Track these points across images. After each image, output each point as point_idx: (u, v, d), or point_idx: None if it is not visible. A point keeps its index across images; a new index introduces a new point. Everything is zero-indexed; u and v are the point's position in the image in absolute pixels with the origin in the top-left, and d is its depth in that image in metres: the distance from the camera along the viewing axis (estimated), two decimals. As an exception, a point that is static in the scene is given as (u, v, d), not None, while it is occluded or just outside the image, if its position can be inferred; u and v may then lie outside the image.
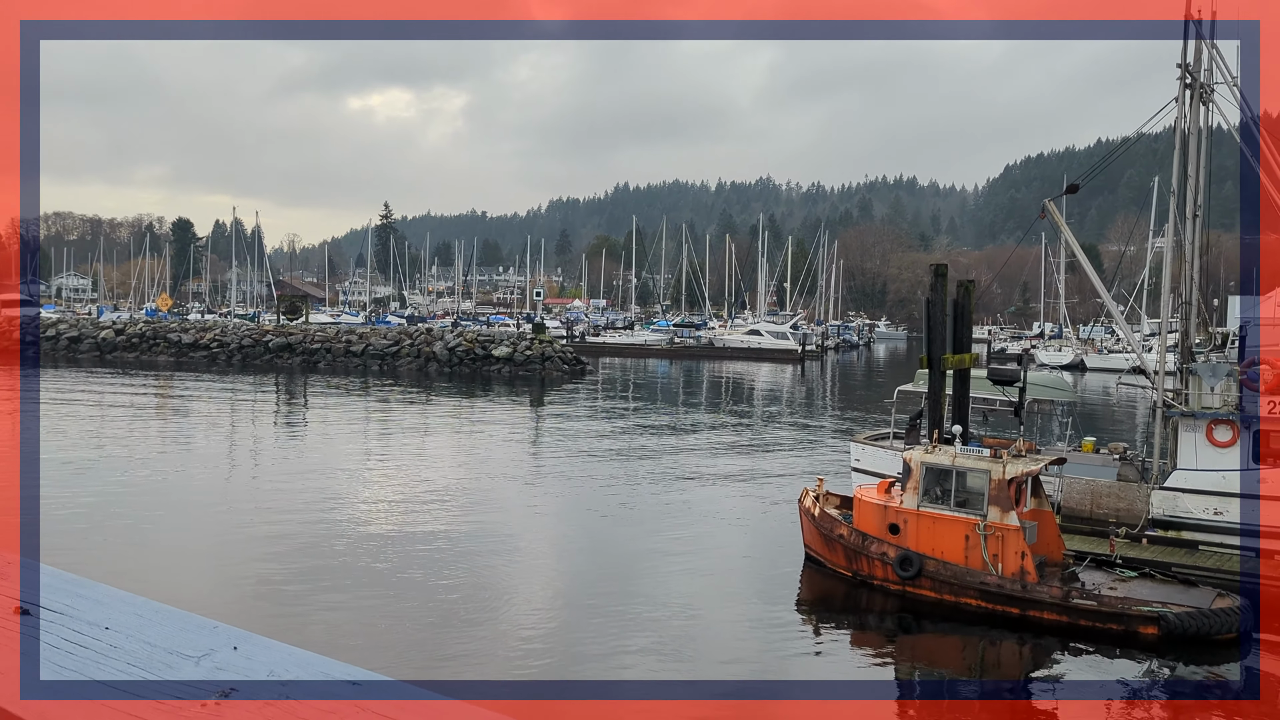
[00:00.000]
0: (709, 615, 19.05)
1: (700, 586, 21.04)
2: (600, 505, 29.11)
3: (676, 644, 17.36)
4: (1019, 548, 19.19)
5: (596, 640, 17.48)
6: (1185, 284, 25.11)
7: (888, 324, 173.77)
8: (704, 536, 25.52)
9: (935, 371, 25.11)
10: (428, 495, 29.48)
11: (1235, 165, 27.46)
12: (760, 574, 22.61)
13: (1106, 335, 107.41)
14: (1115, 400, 63.32)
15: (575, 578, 21.86)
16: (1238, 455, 22.84)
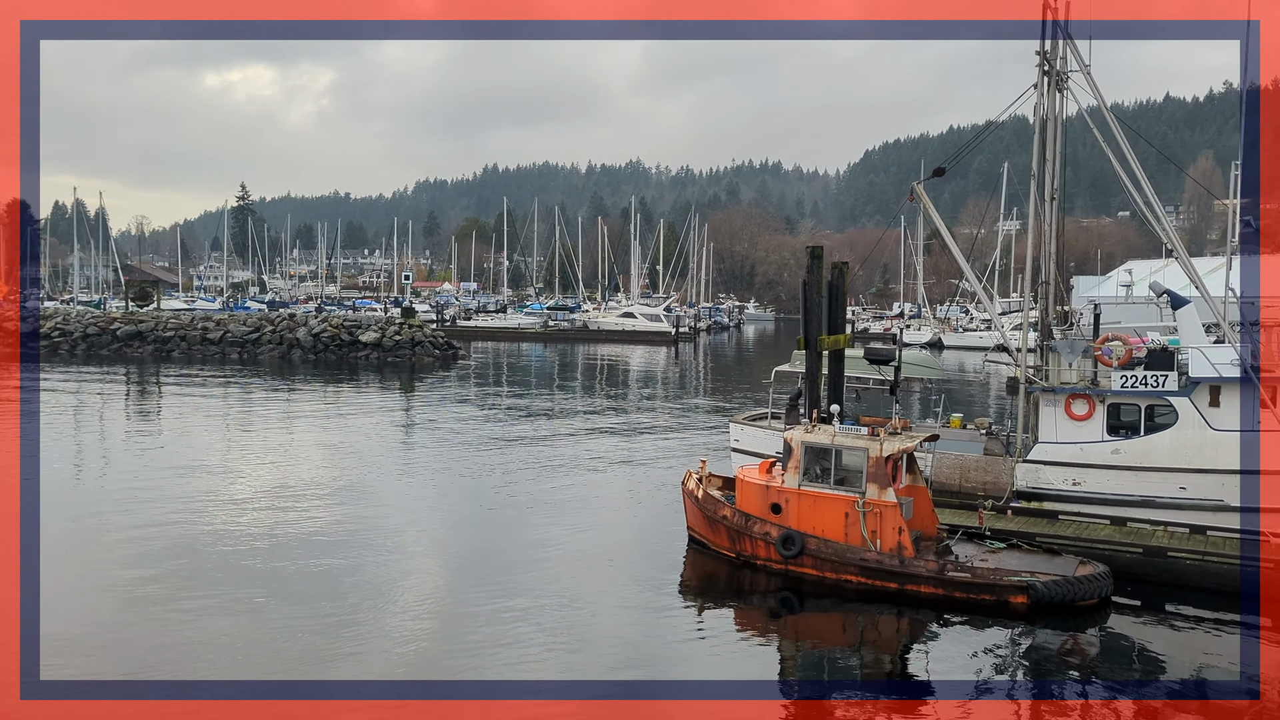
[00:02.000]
0: (593, 604, 18.74)
1: (584, 575, 20.71)
2: (478, 495, 28.43)
3: (562, 635, 16.99)
4: (896, 524, 19.59)
5: (479, 635, 16.95)
6: (1044, 264, 26.10)
7: (756, 306, 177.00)
8: (586, 523, 25.20)
9: (812, 352, 25.41)
10: (296, 491, 28.17)
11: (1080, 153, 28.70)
12: (644, 559, 22.43)
13: (962, 314, 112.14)
14: (974, 377, 66.07)
15: (456, 571, 21.20)
16: (1095, 427, 23.95)
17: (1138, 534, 21.51)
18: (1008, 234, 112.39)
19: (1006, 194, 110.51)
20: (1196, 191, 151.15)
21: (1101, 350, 24.38)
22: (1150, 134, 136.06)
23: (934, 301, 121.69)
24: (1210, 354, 22.95)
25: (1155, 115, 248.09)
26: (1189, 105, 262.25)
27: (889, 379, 26.32)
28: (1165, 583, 19.89)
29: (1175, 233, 26.55)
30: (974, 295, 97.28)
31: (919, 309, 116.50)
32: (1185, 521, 21.98)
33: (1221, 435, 22.57)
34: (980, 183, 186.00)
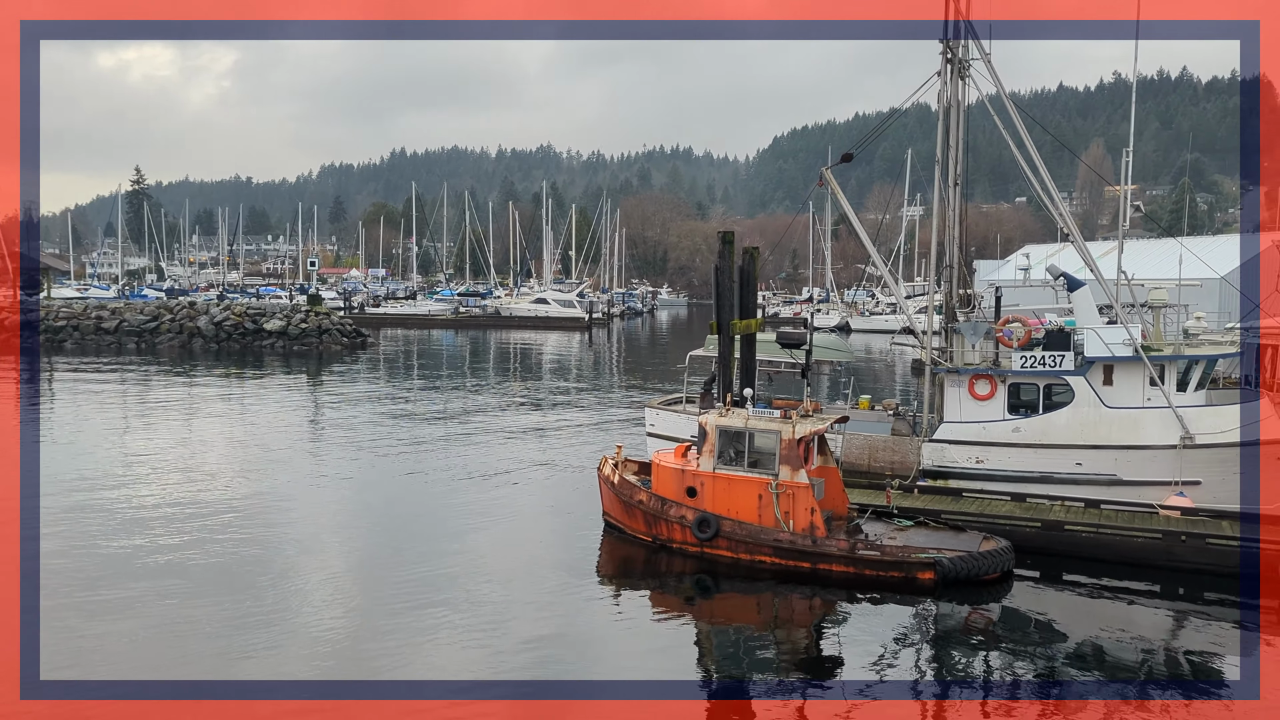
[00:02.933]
0: (510, 593, 18.62)
1: (500, 564, 20.55)
2: (391, 487, 27.96)
3: (480, 624, 16.83)
4: (809, 504, 19.91)
5: (396, 627, 16.69)
6: (948, 248, 26.77)
7: (669, 291, 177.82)
8: (501, 512, 25.00)
9: (725, 336, 25.60)
10: (200, 489, 27.30)
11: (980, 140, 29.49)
12: (560, 546, 22.37)
13: (869, 298, 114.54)
14: (882, 359, 67.56)
15: (369, 566, 20.80)
16: (996, 407, 24.72)
17: (1037, 509, 22.30)
18: (912, 219, 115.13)
19: (910, 180, 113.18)
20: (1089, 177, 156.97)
21: (1002, 332, 25.14)
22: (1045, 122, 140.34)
23: (842, 286, 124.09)
24: (1104, 334, 23.88)
25: (1050, 104, 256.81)
26: (1081, 95, 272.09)
27: (800, 362, 26.71)
28: (1063, 555, 20.67)
29: (1070, 217, 27.48)
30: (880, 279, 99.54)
31: (828, 293, 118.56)
32: (1081, 496, 22.86)
33: (1115, 412, 23.52)
34: (885, 169, 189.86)
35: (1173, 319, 28.33)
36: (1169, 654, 16.49)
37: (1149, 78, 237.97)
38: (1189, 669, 15.86)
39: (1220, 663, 16.14)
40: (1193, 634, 17.49)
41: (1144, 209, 54.56)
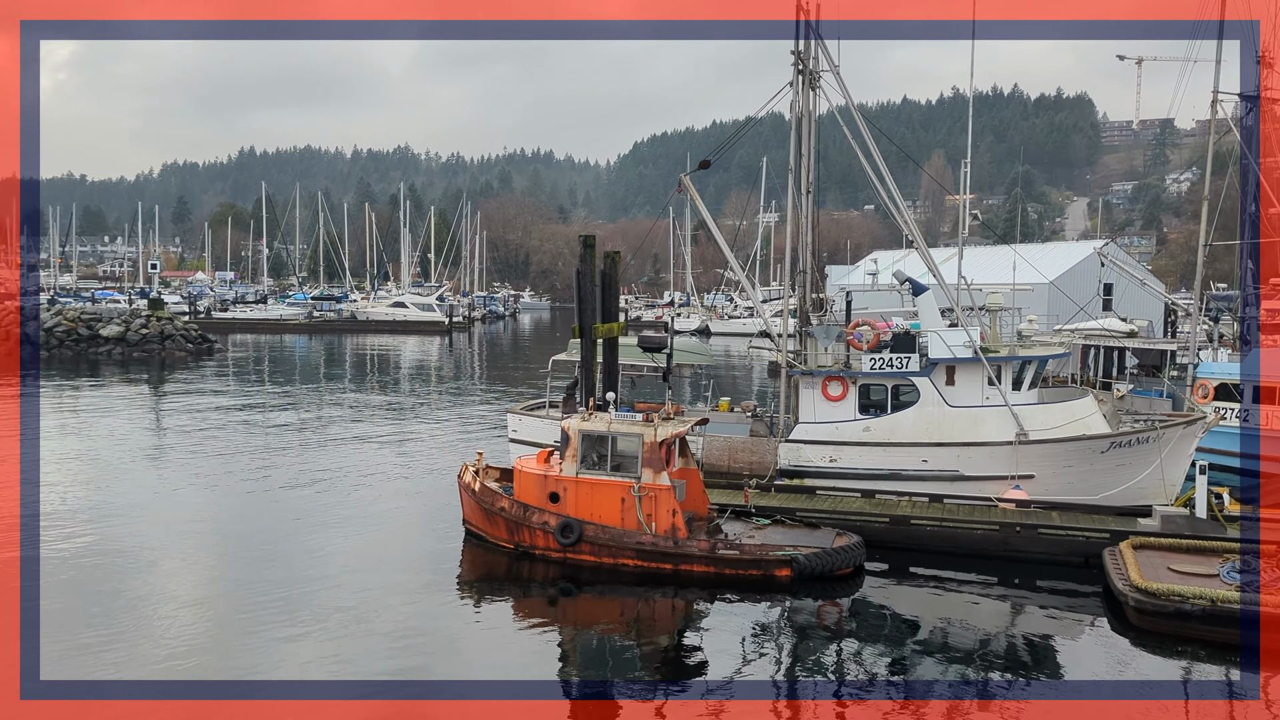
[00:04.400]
0: (371, 604, 18.11)
1: (360, 575, 19.96)
2: (244, 497, 26.79)
3: (339, 638, 16.31)
4: (671, 506, 20.14)
5: (254, 637, 16.07)
6: (801, 253, 27.59)
7: (532, 295, 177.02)
8: (360, 523, 24.30)
9: (587, 340, 25.66)
10: (39, 504, 25.45)
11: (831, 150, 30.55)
12: (421, 556, 21.91)
13: (728, 302, 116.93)
14: (740, 362, 69.02)
15: (226, 578, 19.85)
16: (848, 407, 25.62)
17: (885, 505, 23.21)
18: (768, 225, 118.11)
19: (766, 187, 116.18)
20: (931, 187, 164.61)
21: (853, 335, 26.08)
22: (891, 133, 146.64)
23: (702, 290, 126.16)
24: (946, 337, 25.07)
25: (895, 116, 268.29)
26: (923, 108, 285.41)
27: (662, 366, 27.03)
28: (910, 548, 21.58)
29: (914, 225, 28.75)
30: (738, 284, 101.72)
31: (688, 297, 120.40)
32: (927, 491, 23.92)
33: (957, 411, 24.72)
34: (742, 176, 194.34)
35: (1008, 322, 29.97)
36: (1009, 640, 17.42)
37: (984, 93, 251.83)
38: (1027, 653, 16.80)
39: (1055, 646, 17.16)
40: (1029, 619, 18.52)
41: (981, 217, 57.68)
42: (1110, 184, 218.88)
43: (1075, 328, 39.19)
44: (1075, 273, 61.19)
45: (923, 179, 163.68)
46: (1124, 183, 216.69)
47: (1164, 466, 23.60)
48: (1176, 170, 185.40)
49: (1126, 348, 37.76)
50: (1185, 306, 39.84)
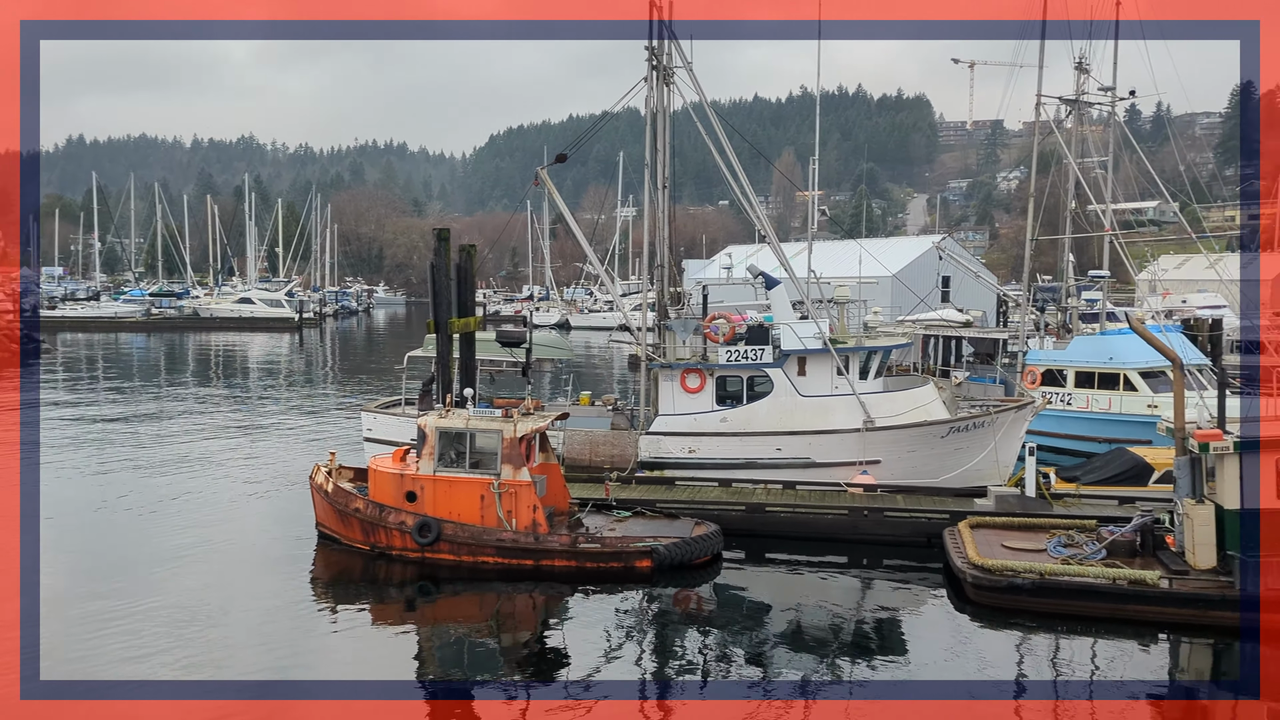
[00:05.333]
0: (222, 611, 17.35)
1: (210, 581, 19.08)
2: (85, 504, 25.17)
3: (190, 645, 15.57)
4: (531, 502, 20.07)
5: (104, 644, 15.36)
6: (659, 248, 27.92)
7: (386, 289, 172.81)
8: (208, 528, 23.21)
9: (443, 336, 25.26)
10: None
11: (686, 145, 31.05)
12: (273, 561, 21.11)
13: (587, 296, 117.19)
14: (600, 355, 69.31)
15: (74, 583, 18.56)
16: (706, 399, 26.11)
17: (741, 493, 23.78)
18: (626, 219, 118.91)
19: (624, 182, 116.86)
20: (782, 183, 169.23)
21: (709, 328, 26.58)
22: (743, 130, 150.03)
23: (562, 284, 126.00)
24: (797, 329, 25.87)
25: (747, 113, 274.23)
26: (774, 105, 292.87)
27: (521, 361, 26.87)
28: (765, 535, 22.19)
29: (766, 220, 29.51)
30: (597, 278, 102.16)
31: (547, 291, 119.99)
32: (781, 479, 24.64)
33: (808, 400, 25.55)
34: (600, 170, 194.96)
35: (855, 314, 31.17)
36: (859, 619, 18.15)
37: (831, 93, 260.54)
38: (875, 631, 17.55)
39: (902, 622, 17.99)
40: (877, 598, 19.37)
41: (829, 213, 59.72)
42: (947, 181, 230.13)
43: (916, 319, 41.12)
44: (916, 266, 64.18)
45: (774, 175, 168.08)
46: (959, 180, 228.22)
47: (998, 449, 25.05)
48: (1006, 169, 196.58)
49: (963, 337, 39.85)
50: (1015, 298, 42.31)
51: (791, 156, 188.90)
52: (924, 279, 53.43)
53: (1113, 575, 17.13)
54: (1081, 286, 40.13)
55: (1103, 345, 32.43)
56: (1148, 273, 47.65)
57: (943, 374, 35.72)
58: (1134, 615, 16.88)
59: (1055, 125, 37.40)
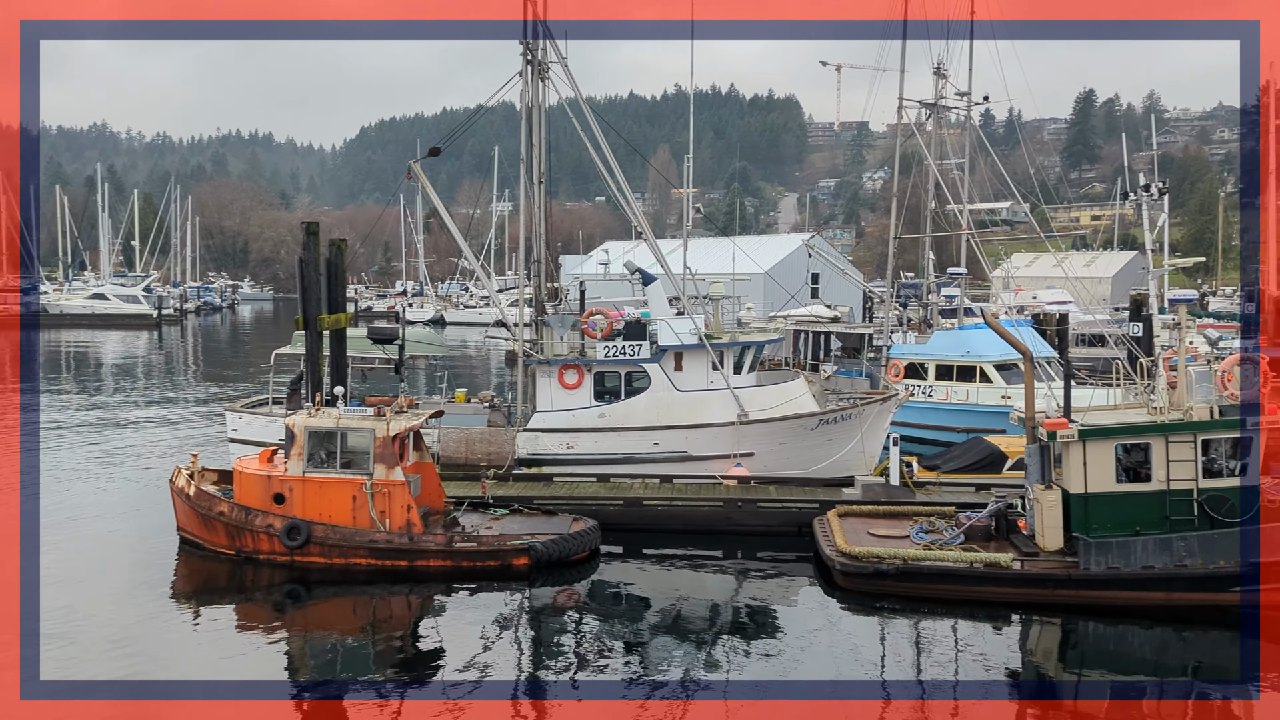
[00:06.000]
0: (81, 622, 16.45)
1: (67, 591, 18.03)
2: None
3: (47, 663, 14.72)
4: (405, 501, 19.74)
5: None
6: (535, 243, 27.82)
7: (252, 285, 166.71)
8: (64, 535, 21.92)
9: (312, 332, 24.57)
10: None
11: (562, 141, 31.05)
12: (133, 568, 20.11)
13: (463, 292, 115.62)
14: (477, 352, 68.54)
15: None
16: (584, 394, 26.16)
17: (619, 488, 23.95)
18: (501, 214, 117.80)
19: (499, 176, 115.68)
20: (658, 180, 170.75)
21: (587, 324, 26.64)
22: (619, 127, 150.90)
23: (436, 279, 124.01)
24: (674, 324, 26.18)
25: (622, 110, 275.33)
26: (649, 103, 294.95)
27: (394, 358, 26.37)
28: (643, 529, 22.40)
29: (643, 217, 29.75)
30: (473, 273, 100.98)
31: (421, 287, 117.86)
32: (658, 473, 24.93)
33: (685, 395, 25.91)
34: (475, 164, 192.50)
35: (729, 309, 31.75)
36: (734, 609, 18.57)
37: (705, 92, 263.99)
38: (750, 619, 17.98)
39: (775, 610, 18.47)
40: (751, 588, 19.83)
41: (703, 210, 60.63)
42: (816, 181, 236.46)
43: (787, 314, 42.16)
44: (787, 263, 65.81)
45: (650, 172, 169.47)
46: (828, 180, 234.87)
47: (864, 440, 25.95)
48: (871, 169, 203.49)
49: (831, 332, 41.09)
50: (880, 294, 43.88)
51: (667, 154, 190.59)
52: (794, 276, 54.82)
53: (969, 559, 18.01)
54: (941, 283, 41.89)
55: (960, 339, 33.99)
56: (1001, 270, 50.11)
57: (812, 368, 36.74)
58: (990, 596, 17.78)
59: (916, 128, 38.93)
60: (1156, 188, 20.33)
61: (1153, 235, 21.01)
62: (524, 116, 27.14)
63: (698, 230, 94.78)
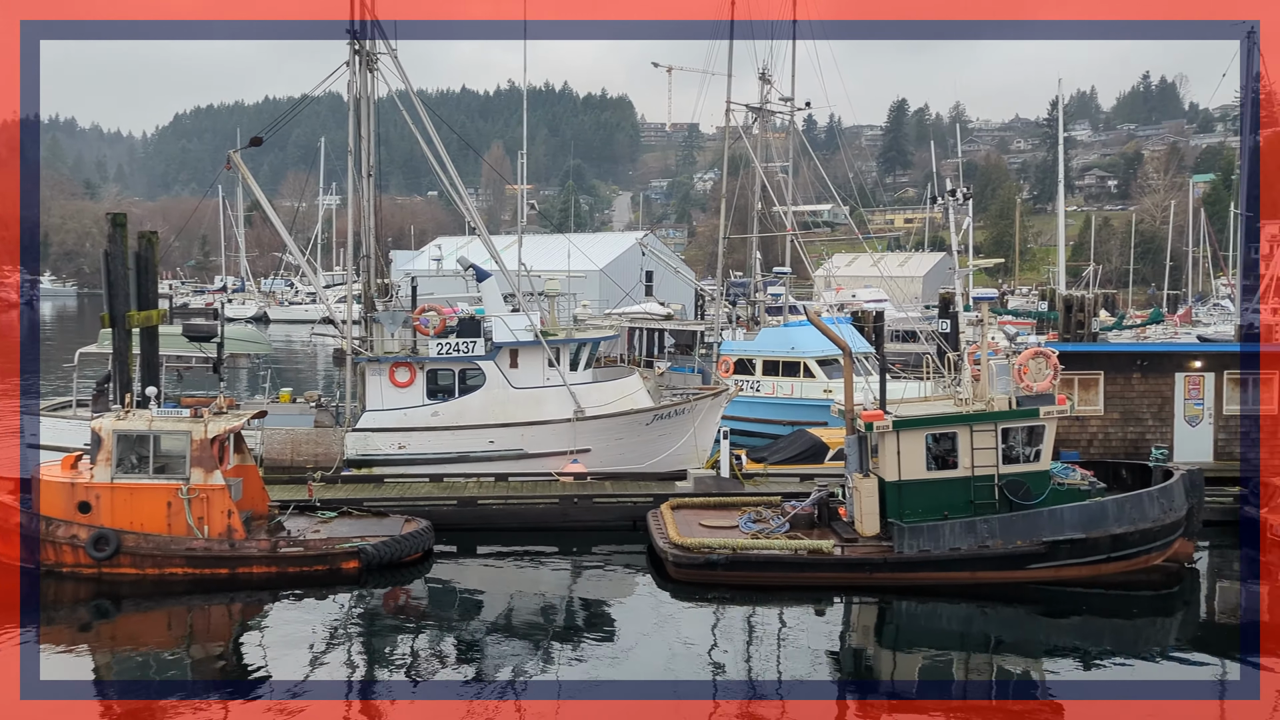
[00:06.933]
0: None
1: None
2: None
3: None
4: (225, 507, 18.88)
5: None
6: (364, 238, 27.10)
7: (53, 280, 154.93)
8: None
9: (120, 330, 23.13)
10: None
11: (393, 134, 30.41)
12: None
13: (288, 288, 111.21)
14: (303, 349, 66.06)
15: None
16: (416, 393, 25.69)
17: (453, 487, 23.67)
18: (329, 208, 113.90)
19: (326, 169, 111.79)
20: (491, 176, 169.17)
21: (419, 320, 26.17)
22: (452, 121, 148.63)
23: (258, 275, 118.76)
24: (509, 321, 26.08)
25: (455, 104, 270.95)
26: (482, 98, 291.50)
27: (212, 356, 25.12)
28: (478, 528, 22.21)
29: (476, 212, 29.45)
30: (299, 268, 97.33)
31: (243, 282, 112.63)
32: (494, 471, 24.77)
33: (520, 392, 25.84)
34: (300, 156, 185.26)
35: (565, 306, 31.86)
36: (569, 605, 18.70)
37: (539, 89, 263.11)
38: (585, 614, 18.16)
39: (609, 604, 18.72)
40: (587, 583, 20.04)
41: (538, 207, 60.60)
42: (649, 180, 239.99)
43: (622, 311, 42.69)
44: (621, 261, 66.56)
45: (483, 168, 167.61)
46: (661, 180, 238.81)
47: (697, 434, 26.62)
48: (702, 170, 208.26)
49: (665, 329, 41.89)
50: (711, 292, 45.04)
51: (500, 150, 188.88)
52: (629, 274, 55.51)
53: (794, 546, 18.78)
54: (768, 282, 43.40)
55: (786, 336, 35.32)
56: (823, 270, 52.34)
57: (647, 364, 37.34)
58: (814, 581, 18.60)
59: (743, 131, 40.17)
60: (961, 193, 21.77)
61: (959, 237, 22.50)
62: (352, 108, 26.39)
63: (533, 227, 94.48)
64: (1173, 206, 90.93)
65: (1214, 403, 24.36)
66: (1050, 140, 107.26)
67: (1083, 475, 19.87)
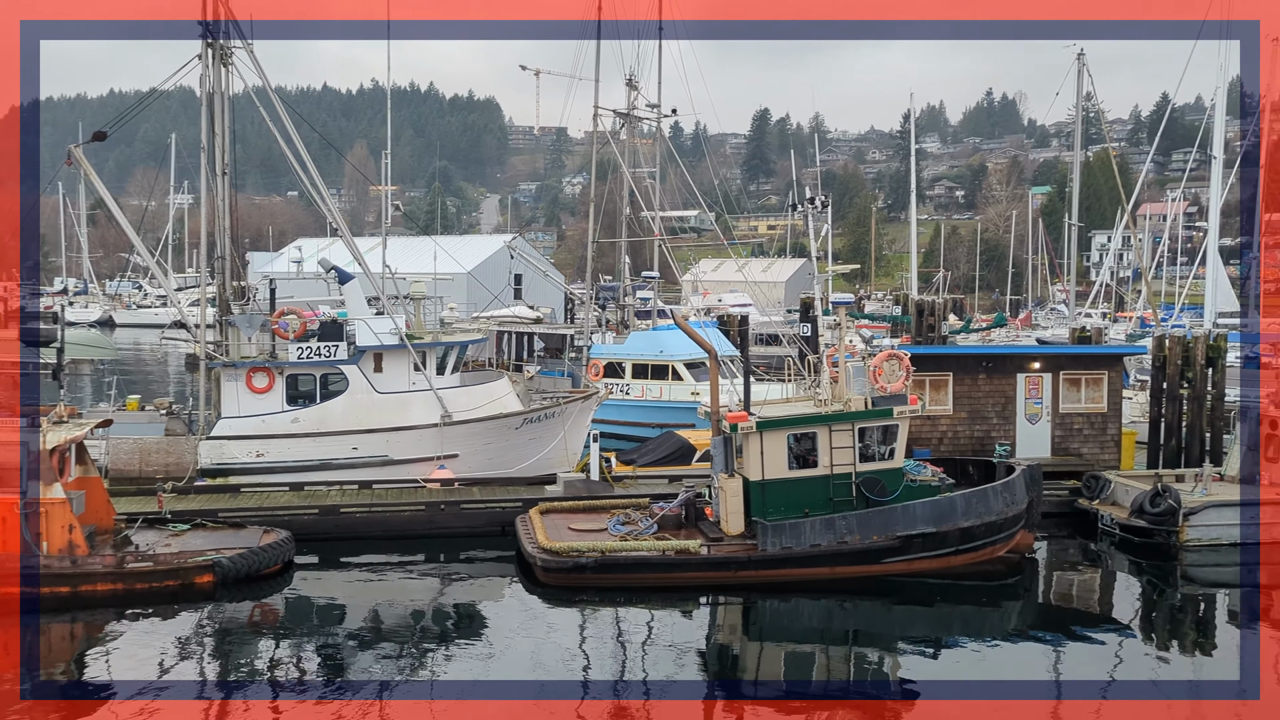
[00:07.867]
0: None
1: None
2: None
3: None
4: (66, 521, 17.85)
5: None
6: (219, 239, 26.05)
7: None
8: None
9: (-54, 335, 21.54)
10: None
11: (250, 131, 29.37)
12: None
13: (136, 290, 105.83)
14: (152, 355, 62.86)
15: None
16: (275, 399, 24.84)
17: (314, 496, 23.01)
18: (180, 207, 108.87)
19: (177, 166, 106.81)
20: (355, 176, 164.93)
21: (278, 324, 25.33)
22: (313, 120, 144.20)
23: (103, 276, 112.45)
24: (373, 324, 25.51)
25: (316, 102, 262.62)
26: (345, 97, 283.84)
27: (51, 362, 23.66)
28: (341, 537, 21.64)
29: (339, 213, 28.72)
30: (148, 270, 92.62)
31: (86, 285, 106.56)
32: (358, 479, 24.17)
33: (385, 397, 25.31)
34: (149, 152, 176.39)
35: (431, 309, 31.40)
36: (437, 612, 18.45)
37: (404, 89, 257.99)
38: (453, 622, 17.96)
39: (478, 610, 18.56)
40: (454, 590, 19.82)
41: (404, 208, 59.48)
42: (518, 183, 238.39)
43: (490, 315, 42.35)
44: (490, 264, 66.06)
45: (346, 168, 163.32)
46: (529, 183, 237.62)
47: (567, 437, 26.64)
48: (571, 174, 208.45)
49: (534, 333, 41.76)
50: (580, 296, 45.17)
51: (364, 149, 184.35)
52: (497, 276, 55.08)
53: (662, 547, 19.04)
54: (636, 286, 43.81)
55: (654, 340, 35.74)
56: (690, 274, 53.24)
57: (516, 368, 37.13)
58: (681, 581, 18.91)
59: (611, 136, 40.47)
60: (820, 201, 22.53)
61: (818, 244, 23.28)
62: (205, 103, 25.34)
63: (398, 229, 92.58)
64: (1014, 216, 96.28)
65: (1051, 401, 25.94)
66: (903, 151, 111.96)
67: (933, 472, 20.84)
